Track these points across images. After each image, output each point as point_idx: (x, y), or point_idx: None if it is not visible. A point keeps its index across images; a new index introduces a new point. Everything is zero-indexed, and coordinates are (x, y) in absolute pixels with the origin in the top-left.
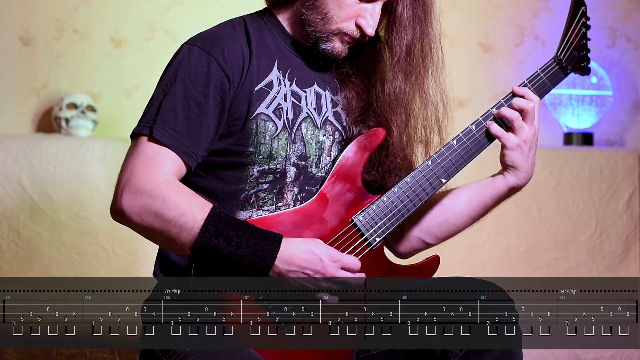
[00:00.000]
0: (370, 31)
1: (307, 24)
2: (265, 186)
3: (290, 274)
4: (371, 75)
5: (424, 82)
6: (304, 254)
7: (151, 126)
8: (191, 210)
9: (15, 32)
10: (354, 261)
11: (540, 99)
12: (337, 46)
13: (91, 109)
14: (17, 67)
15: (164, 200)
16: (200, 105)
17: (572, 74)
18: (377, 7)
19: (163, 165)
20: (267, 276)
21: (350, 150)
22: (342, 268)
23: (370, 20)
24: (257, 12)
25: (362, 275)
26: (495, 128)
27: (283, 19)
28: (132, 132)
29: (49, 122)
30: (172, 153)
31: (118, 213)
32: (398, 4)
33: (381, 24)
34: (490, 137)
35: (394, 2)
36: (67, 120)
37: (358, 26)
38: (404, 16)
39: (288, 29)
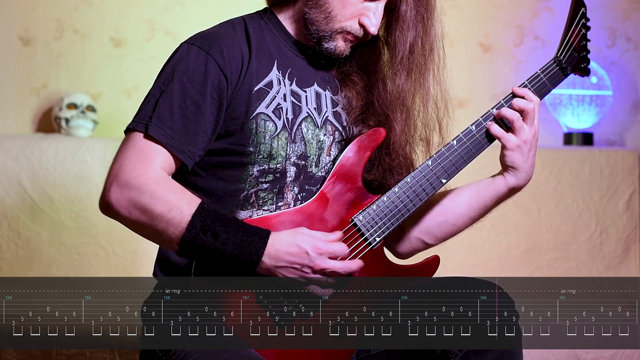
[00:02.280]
0: (373, 30)
1: (310, 22)
2: (265, 186)
3: (279, 270)
4: (372, 74)
5: (425, 80)
6: (290, 248)
7: (147, 123)
8: (179, 205)
9: (15, 32)
10: (340, 247)
11: (541, 99)
12: (340, 45)
13: (91, 109)
14: (17, 67)
15: (152, 195)
16: (198, 104)
17: (572, 75)
18: (380, 6)
19: (154, 161)
20: (255, 272)
21: (350, 150)
22: (330, 257)
23: (373, 19)
24: (258, 12)
25: (352, 263)
26: (495, 129)
27: (284, 18)
28: (127, 127)
29: (49, 122)
30: (164, 150)
31: (106, 206)
32: (402, 3)
33: (381, 23)
34: (490, 137)
35: (398, 0)
36: (67, 120)
37: (361, 25)
38: (407, 15)
39: (289, 28)
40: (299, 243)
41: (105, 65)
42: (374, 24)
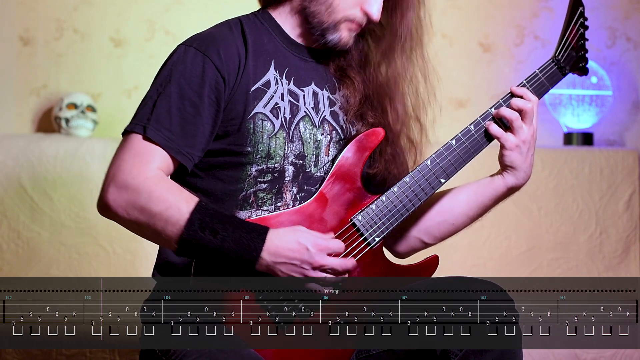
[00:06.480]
0: (376, 16)
1: (311, 16)
2: (264, 186)
3: (278, 266)
4: (367, 65)
5: (418, 57)
6: (290, 244)
7: (145, 125)
8: (177, 204)
9: (15, 32)
10: (338, 245)
11: (539, 99)
12: (344, 35)
13: (91, 109)
14: (17, 67)
15: (150, 195)
16: (195, 105)
17: (570, 74)
18: None
19: (151, 162)
20: (255, 269)
21: (349, 150)
22: (329, 254)
23: (375, 4)
24: (253, 13)
25: (347, 261)
26: (494, 128)
27: (280, 17)
28: (125, 129)
29: (49, 122)
30: (162, 151)
31: (104, 207)
32: None
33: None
34: (489, 137)
35: None
36: (67, 120)
37: (364, 12)
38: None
39: (285, 27)
40: (299, 239)
41: (105, 65)
42: (376, 10)
